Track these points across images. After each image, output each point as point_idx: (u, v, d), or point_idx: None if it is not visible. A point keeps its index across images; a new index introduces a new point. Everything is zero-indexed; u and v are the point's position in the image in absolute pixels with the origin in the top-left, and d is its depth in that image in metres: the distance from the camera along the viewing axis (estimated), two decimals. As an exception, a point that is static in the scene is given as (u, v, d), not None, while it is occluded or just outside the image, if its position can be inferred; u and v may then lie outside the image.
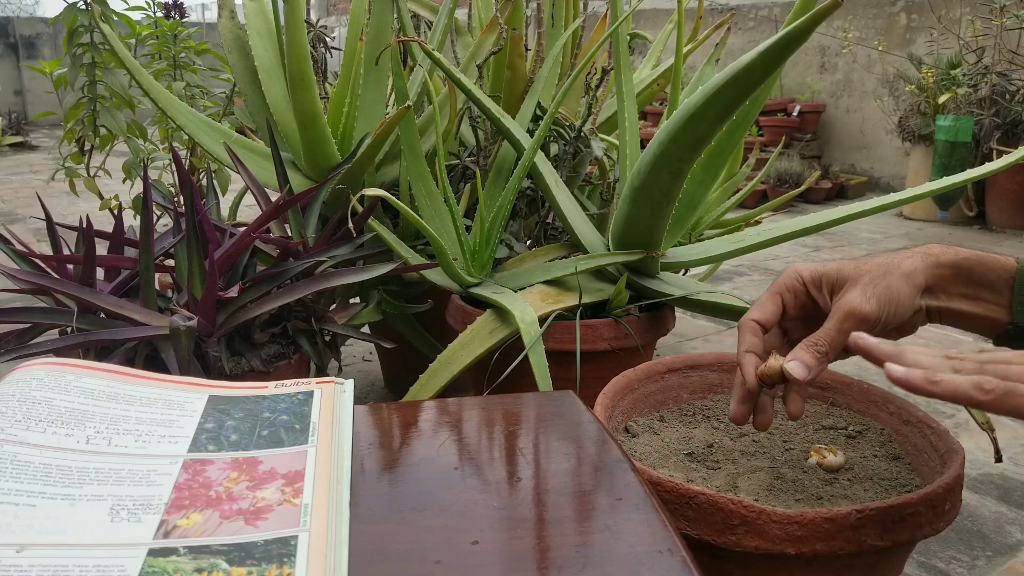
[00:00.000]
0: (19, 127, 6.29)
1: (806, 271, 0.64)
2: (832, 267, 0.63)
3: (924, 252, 0.62)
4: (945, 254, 0.62)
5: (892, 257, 0.62)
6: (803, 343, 0.61)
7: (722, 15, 2.27)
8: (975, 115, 3.31)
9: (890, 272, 0.61)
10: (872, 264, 0.61)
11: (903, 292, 0.60)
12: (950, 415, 1.53)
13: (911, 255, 0.62)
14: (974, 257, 0.61)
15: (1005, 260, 0.61)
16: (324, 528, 0.38)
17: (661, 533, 0.40)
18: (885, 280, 0.60)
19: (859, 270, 0.61)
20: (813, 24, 0.71)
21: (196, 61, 2.13)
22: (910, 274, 0.61)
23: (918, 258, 0.62)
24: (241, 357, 0.98)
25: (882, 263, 0.61)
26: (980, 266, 0.61)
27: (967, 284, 0.61)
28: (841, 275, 0.62)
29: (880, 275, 0.60)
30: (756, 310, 0.65)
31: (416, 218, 1.09)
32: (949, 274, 0.62)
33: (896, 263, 0.61)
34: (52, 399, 0.45)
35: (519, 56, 1.36)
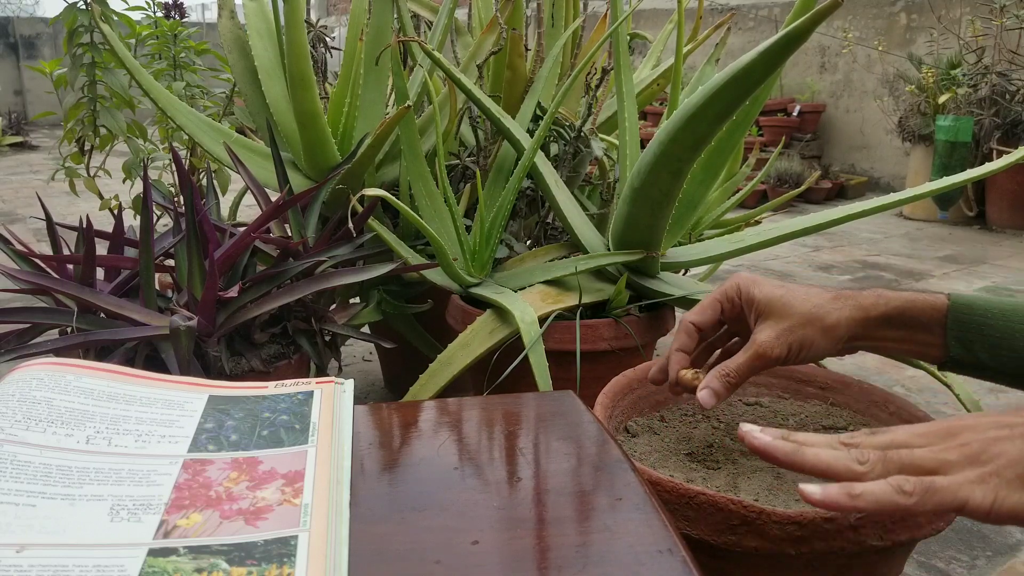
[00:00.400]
0: (19, 127, 6.29)
1: (744, 286, 0.67)
2: (764, 294, 0.65)
3: (854, 303, 0.64)
4: (875, 307, 0.63)
5: (819, 303, 0.64)
6: (716, 372, 0.65)
7: (722, 15, 2.27)
8: (975, 115, 3.31)
9: (811, 323, 0.63)
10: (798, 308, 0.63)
11: (817, 344, 0.63)
12: (950, 415, 1.53)
13: (840, 306, 0.64)
14: (904, 303, 0.63)
15: (935, 300, 0.62)
16: (324, 528, 0.38)
17: (661, 533, 0.40)
18: (803, 330, 0.63)
19: (784, 309, 0.64)
20: (813, 24, 0.71)
21: (196, 61, 2.12)
22: (831, 327, 0.63)
23: (845, 311, 0.63)
24: (241, 357, 0.98)
25: (808, 312, 0.63)
26: (911, 310, 0.63)
27: (898, 329, 0.64)
28: (768, 308, 0.64)
29: (800, 324, 0.63)
30: (696, 313, 0.69)
31: (416, 218, 1.09)
32: (877, 324, 0.64)
33: (821, 313, 0.63)
34: (52, 399, 0.45)
35: (519, 56, 1.36)
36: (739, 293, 0.67)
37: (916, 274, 2.70)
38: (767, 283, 0.66)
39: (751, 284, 0.66)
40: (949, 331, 0.62)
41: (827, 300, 0.64)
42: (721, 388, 0.65)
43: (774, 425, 0.79)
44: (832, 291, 0.65)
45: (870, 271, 2.74)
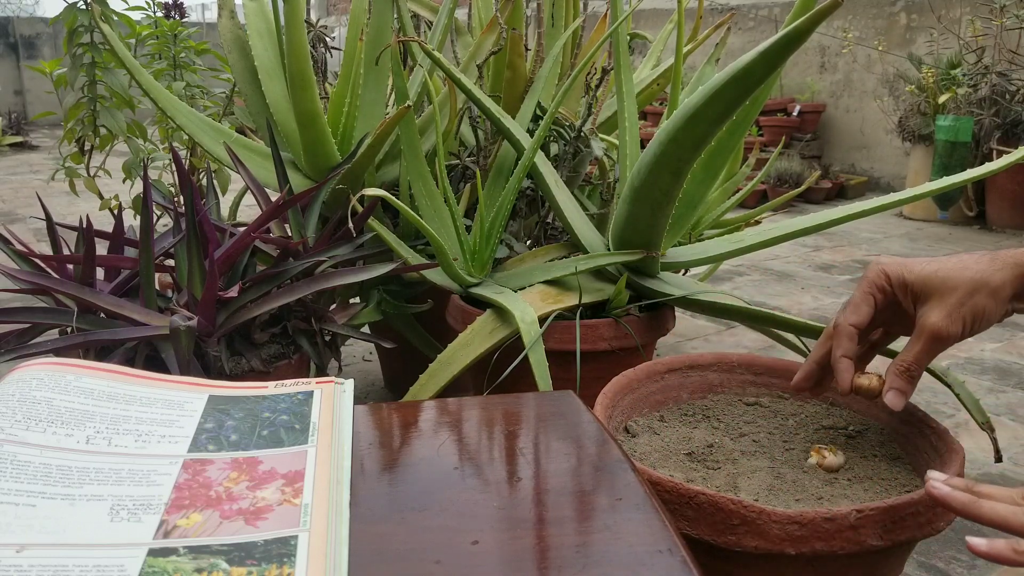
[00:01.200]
0: (19, 127, 6.30)
1: (893, 271, 0.64)
2: (916, 274, 0.63)
3: (1014, 261, 0.62)
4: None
5: (979, 269, 0.62)
6: (897, 370, 0.63)
7: (722, 15, 2.27)
8: (975, 115, 3.31)
9: (978, 290, 0.61)
10: (959, 279, 0.61)
11: (990, 310, 0.61)
12: (950, 415, 1.53)
13: (1000, 266, 0.62)
14: None
15: None
16: (324, 528, 0.38)
17: (661, 533, 0.40)
18: (972, 300, 0.61)
19: (946, 284, 0.61)
20: (813, 24, 0.71)
21: (196, 61, 2.13)
22: (998, 289, 0.61)
23: (1007, 270, 0.61)
24: (241, 357, 0.98)
25: (971, 280, 0.61)
26: None
27: None
28: (927, 287, 0.62)
29: (968, 294, 0.61)
30: (852, 314, 0.66)
31: (416, 218, 1.09)
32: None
33: (985, 278, 0.61)
34: (52, 399, 0.45)
35: (519, 56, 1.36)
36: (889, 280, 0.64)
37: (916, 274, 2.70)
38: (915, 263, 0.63)
39: (900, 268, 0.64)
40: None
41: (985, 264, 0.62)
42: (906, 385, 0.63)
43: (773, 425, 0.79)
44: (985, 253, 0.63)
45: (870, 271, 2.74)
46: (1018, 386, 1.70)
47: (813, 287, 2.53)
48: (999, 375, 1.77)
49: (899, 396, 0.63)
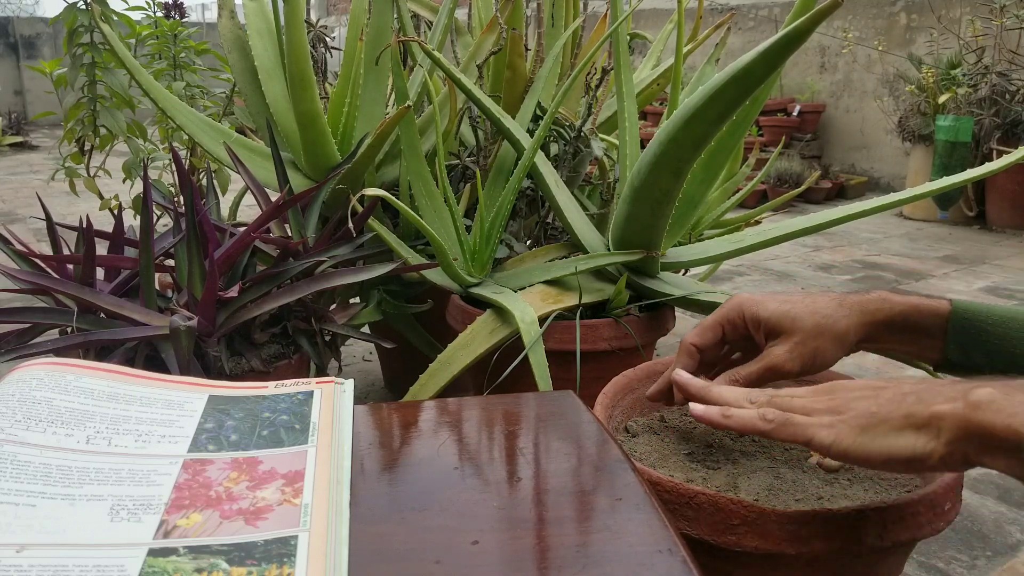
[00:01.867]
0: (19, 127, 6.29)
1: (748, 309, 0.67)
2: (770, 312, 0.66)
3: (860, 308, 0.65)
4: (880, 311, 0.65)
5: (829, 312, 0.65)
6: (726, 375, 0.67)
7: (722, 15, 2.27)
8: (975, 115, 3.31)
9: (823, 333, 0.64)
10: (806, 322, 0.64)
11: (829, 353, 0.65)
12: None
13: (847, 312, 0.65)
14: (909, 308, 0.65)
15: (938, 305, 0.64)
16: (324, 528, 0.38)
17: (661, 533, 0.40)
18: (815, 342, 0.64)
19: (794, 324, 0.65)
20: (813, 24, 0.71)
21: (196, 61, 2.13)
22: (842, 335, 0.64)
23: (854, 316, 0.65)
24: (241, 357, 0.98)
25: (817, 324, 0.64)
26: (915, 315, 0.64)
27: (901, 332, 0.65)
28: (778, 325, 0.65)
29: (812, 336, 0.64)
30: (697, 335, 0.70)
31: (416, 218, 1.09)
32: (883, 327, 0.65)
33: (830, 323, 0.64)
34: (52, 399, 0.45)
35: (519, 56, 1.36)
36: (742, 316, 0.67)
37: (916, 274, 2.70)
38: (770, 300, 0.67)
39: (755, 305, 0.67)
40: (949, 337, 0.64)
41: (834, 308, 0.65)
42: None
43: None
44: (836, 296, 0.66)
45: (870, 271, 2.74)
46: (1018, 386, 1.70)
47: (813, 287, 2.53)
48: (999, 375, 1.76)
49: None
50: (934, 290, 2.49)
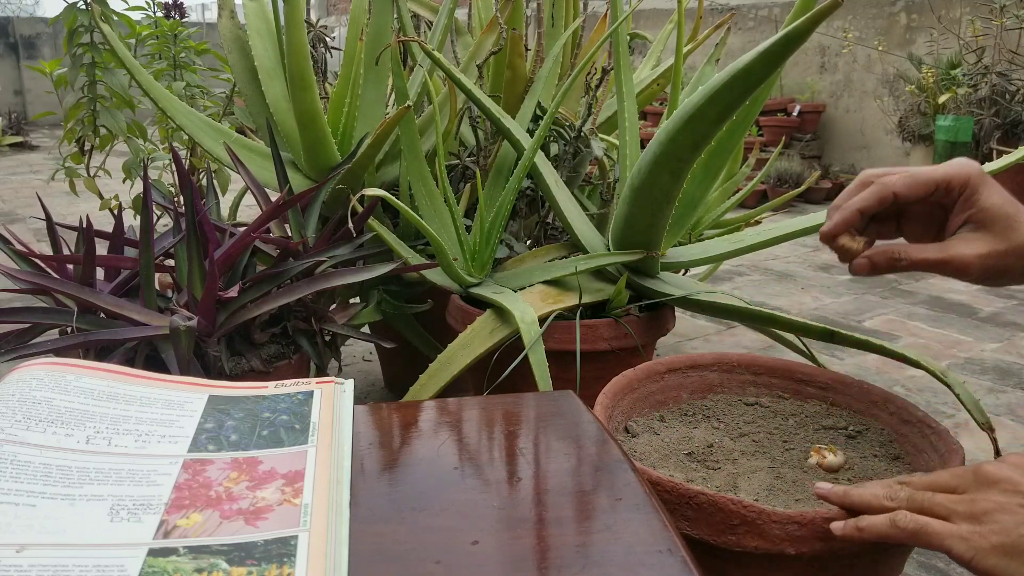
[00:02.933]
0: (19, 127, 6.29)
1: (975, 183, 0.58)
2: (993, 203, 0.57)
3: None
4: None
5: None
6: (889, 249, 0.59)
7: (722, 15, 2.27)
8: (975, 115, 3.31)
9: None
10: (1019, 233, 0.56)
11: (1014, 274, 0.57)
12: (950, 415, 1.53)
13: None
14: None
15: None
16: (324, 528, 0.38)
17: (661, 533, 0.40)
18: (1011, 262, 0.56)
19: (1007, 229, 0.56)
20: (813, 24, 0.71)
21: (196, 61, 2.13)
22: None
23: None
24: (241, 357, 0.98)
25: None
26: None
27: None
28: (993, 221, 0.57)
29: (1015, 256, 0.56)
30: (904, 185, 0.59)
31: (416, 218, 1.09)
32: None
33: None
34: (52, 399, 0.45)
35: (519, 56, 1.36)
36: (965, 187, 0.58)
37: (916, 274, 2.70)
38: (998, 190, 0.58)
39: (983, 182, 0.58)
40: None
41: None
42: (885, 265, 0.59)
43: (773, 425, 0.79)
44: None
45: (870, 271, 2.74)
46: (1018, 386, 1.70)
47: (813, 287, 2.53)
48: (999, 375, 1.76)
49: (868, 265, 0.59)
50: (934, 290, 2.49)
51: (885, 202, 0.59)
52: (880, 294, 2.45)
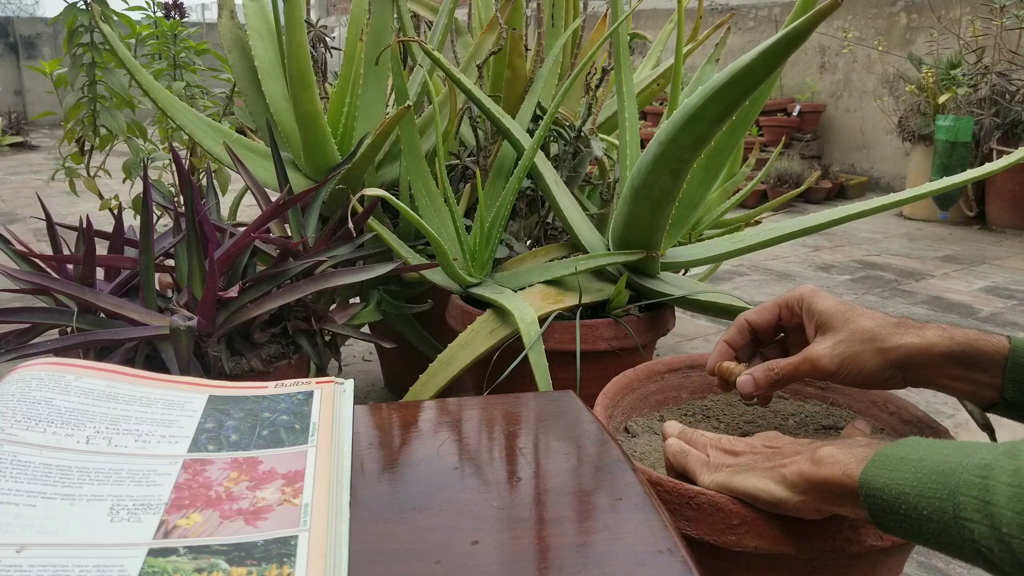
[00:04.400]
0: (19, 127, 6.29)
1: (808, 298, 0.66)
2: (826, 307, 0.65)
3: (918, 333, 0.62)
4: (940, 342, 0.62)
5: (883, 325, 0.63)
6: (764, 365, 0.67)
7: (722, 15, 2.26)
8: (975, 115, 3.31)
9: (870, 341, 0.62)
10: (858, 324, 0.63)
11: (870, 363, 0.62)
12: (950, 415, 1.53)
13: (903, 331, 0.62)
14: (968, 341, 0.62)
15: (997, 342, 0.62)
16: (324, 528, 0.38)
17: (661, 533, 0.40)
18: (860, 347, 0.63)
19: (845, 323, 0.64)
20: (813, 24, 0.71)
21: (196, 61, 2.13)
22: (888, 350, 0.62)
23: (908, 337, 0.62)
24: (241, 357, 0.98)
25: (867, 329, 0.63)
26: (972, 350, 0.62)
27: (958, 367, 0.62)
28: (830, 321, 0.64)
29: (858, 339, 0.63)
30: (754, 313, 0.70)
31: (416, 218, 1.09)
32: (940, 360, 0.62)
33: (882, 334, 0.62)
34: (52, 399, 0.45)
35: (519, 56, 1.36)
36: (800, 303, 0.67)
37: (916, 274, 2.70)
38: (832, 298, 0.66)
39: (814, 295, 0.66)
40: (1008, 375, 0.61)
41: (890, 324, 0.63)
42: (763, 379, 0.65)
43: (773, 425, 0.79)
44: (898, 318, 0.64)
45: (870, 271, 2.74)
46: (1018, 386, 1.70)
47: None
48: (999, 375, 1.76)
49: (751, 383, 0.66)
50: (934, 290, 2.49)
51: (743, 330, 0.69)
52: (880, 295, 2.45)
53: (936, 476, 0.45)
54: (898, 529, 0.47)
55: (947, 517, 0.44)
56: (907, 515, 0.46)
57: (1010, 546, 0.41)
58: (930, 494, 0.45)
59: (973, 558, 0.43)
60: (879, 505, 0.47)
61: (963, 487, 0.43)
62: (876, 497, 0.47)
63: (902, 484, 0.46)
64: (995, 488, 0.42)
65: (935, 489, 0.45)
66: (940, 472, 0.45)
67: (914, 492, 0.45)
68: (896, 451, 0.48)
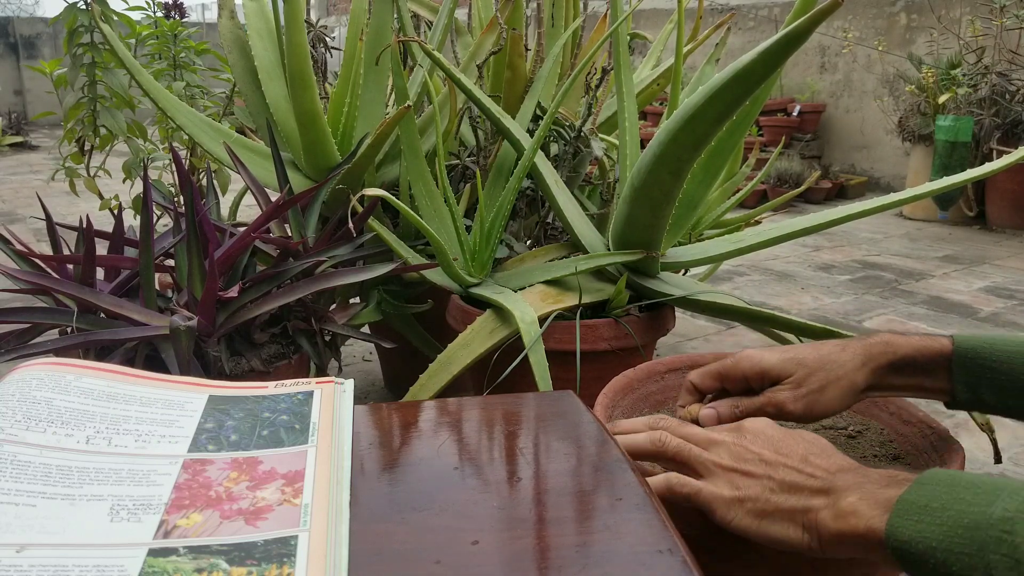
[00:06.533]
0: (19, 127, 6.29)
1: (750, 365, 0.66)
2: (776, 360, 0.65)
3: (865, 353, 0.64)
4: (884, 354, 0.64)
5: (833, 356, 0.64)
6: (729, 400, 0.67)
7: (722, 15, 2.26)
8: (975, 115, 3.31)
9: (828, 375, 0.64)
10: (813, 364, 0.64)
11: (834, 396, 0.64)
12: (950, 415, 1.53)
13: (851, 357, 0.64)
14: (911, 350, 0.64)
15: (941, 345, 0.64)
16: (324, 528, 0.38)
17: (661, 533, 0.40)
18: (822, 387, 0.64)
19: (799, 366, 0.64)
20: (813, 24, 0.71)
21: (196, 61, 2.13)
22: (848, 377, 0.64)
23: (858, 360, 0.64)
24: (241, 357, 0.98)
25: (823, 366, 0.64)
26: (918, 357, 0.64)
27: (907, 375, 0.65)
28: (784, 370, 0.65)
29: (817, 377, 0.64)
30: (698, 378, 0.70)
31: (416, 218, 1.09)
32: (888, 371, 0.65)
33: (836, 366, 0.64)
34: (52, 399, 0.45)
35: (519, 56, 1.36)
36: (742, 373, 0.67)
37: (916, 274, 2.70)
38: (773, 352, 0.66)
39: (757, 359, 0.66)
40: (955, 376, 0.63)
41: (837, 353, 0.64)
42: (727, 414, 0.66)
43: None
44: (840, 342, 0.66)
45: (870, 271, 2.74)
46: (1018, 386, 1.70)
47: (813, 287, 2.53)
48: (999, 375, 1.76)
49: (713, 417, 0.66)
50: (934, 290, 2.49)
51: (691, 391, 0.70)
52: (880, 294, 2.45)
53: (962, 531, 0.45)
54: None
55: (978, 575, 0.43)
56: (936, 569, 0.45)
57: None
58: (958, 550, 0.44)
59: None
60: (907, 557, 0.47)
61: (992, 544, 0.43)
62: (903, 550, 0.47)
63: (929, 538, 0.46)
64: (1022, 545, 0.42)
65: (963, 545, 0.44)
66: (966, 526, 0.45)
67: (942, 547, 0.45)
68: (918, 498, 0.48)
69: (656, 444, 0.59)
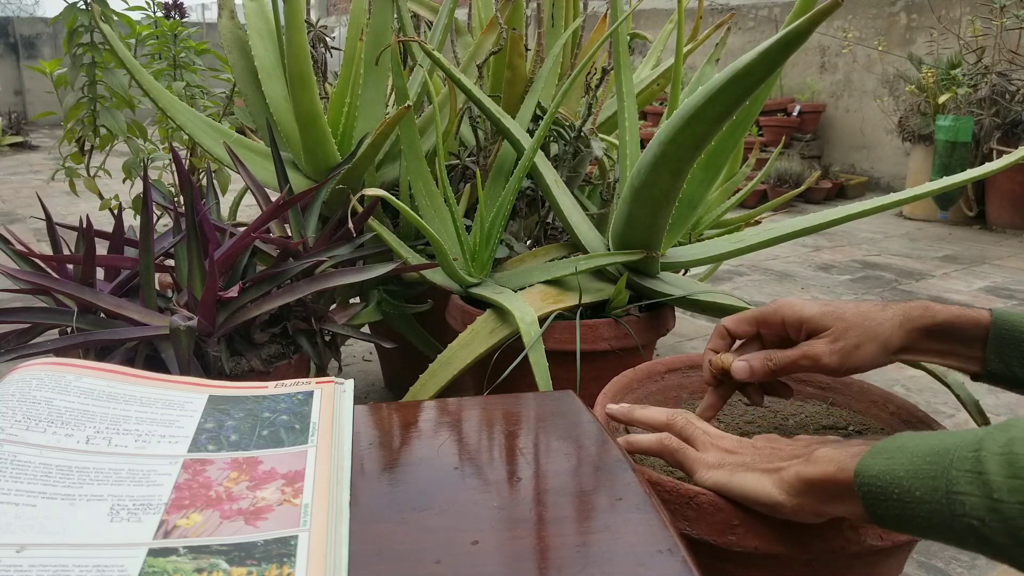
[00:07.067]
0: (19, 127, 6.29)
1: (789, 313, 0.67)
2: (814, 312, 0.66)
3: (903, 314, 0.65)
4: (923, 317, 0.65)
5: (872, 313, 0.65)
6: (762, 353, 0.67)
7: (722, 15, 2.27)
8: (975, 115, 3.31)
9: (866, 331, 0.64)
10: (852, 318, 0.65)
11: (869, 353, 0.64)
12: (950, 415, 1.53)
13: (890, 316, 0.65)
14: (950, 317, 0.65)
15: (979, 316, 0.64)
16: (324, 528, 0.38)
17: (661, 533, 0.40)
18: (857, 339, 0.64)
19: (838, 320, 0.65)
20: (813, 24, 0.71)
21: (196, 61, 2.13)
22: (885, 337, 0.64)
23: (896, 320, 0.65)
24: (241, 357, 0.98)
25: (861, 322, 0.64)
26: (956, 324, 0.64)
27: (942, 341, 0.65)
28: (822, 323, 0.65)
29: (855, 332, 0.64)
30: (733, 322, 0.70)
31: (416, 218, 1.09)
32: (923, 335, 0.65)
33: (874, 323, 0.64)
34: (52, 399, 0.45)
35: (519, 56, 1.36)
36: (781, 320, 0.67)
37: (916, 274, 2.70)
38: (812, 303, 0.67)
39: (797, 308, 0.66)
40: (990, 347, 0.63)
41: (877, 311, 0.65)
42: (760, 367, 0.66)
43: (774, 425, 0.79)
44: (879, 303, 0.66)
45: (870, 271, 2.74)
46: (1018, 386, 1.70)
47: (813, 287, 2.53)
48: (999, 375, 1.76)
49: (747, 368, 0.67)
50: (934, 290, 2.49)
51: (723, 336, 0.70)
52: (880, 295, 2.45)
53: (931, 457, 0.45)
54: (891, 517, 0.47)
55: (939, 495, 0.44)
56: (900, 499, 0.46)
57: (1001, 512, 0.41)
58: (924, 475, 0.45)
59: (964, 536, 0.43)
60: (873, 493, 0.47)
61: (956, 462, 0.44)
62: (871, 485, 0.47)
63: (896, 468, 0.46)
64: (987, 458, 0.43)
65: (928, 469, 0.45)
66: (935, 452, 0.45)
67: (908, 475, 0.46)
68: (892, 442, 0.49)
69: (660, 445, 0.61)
